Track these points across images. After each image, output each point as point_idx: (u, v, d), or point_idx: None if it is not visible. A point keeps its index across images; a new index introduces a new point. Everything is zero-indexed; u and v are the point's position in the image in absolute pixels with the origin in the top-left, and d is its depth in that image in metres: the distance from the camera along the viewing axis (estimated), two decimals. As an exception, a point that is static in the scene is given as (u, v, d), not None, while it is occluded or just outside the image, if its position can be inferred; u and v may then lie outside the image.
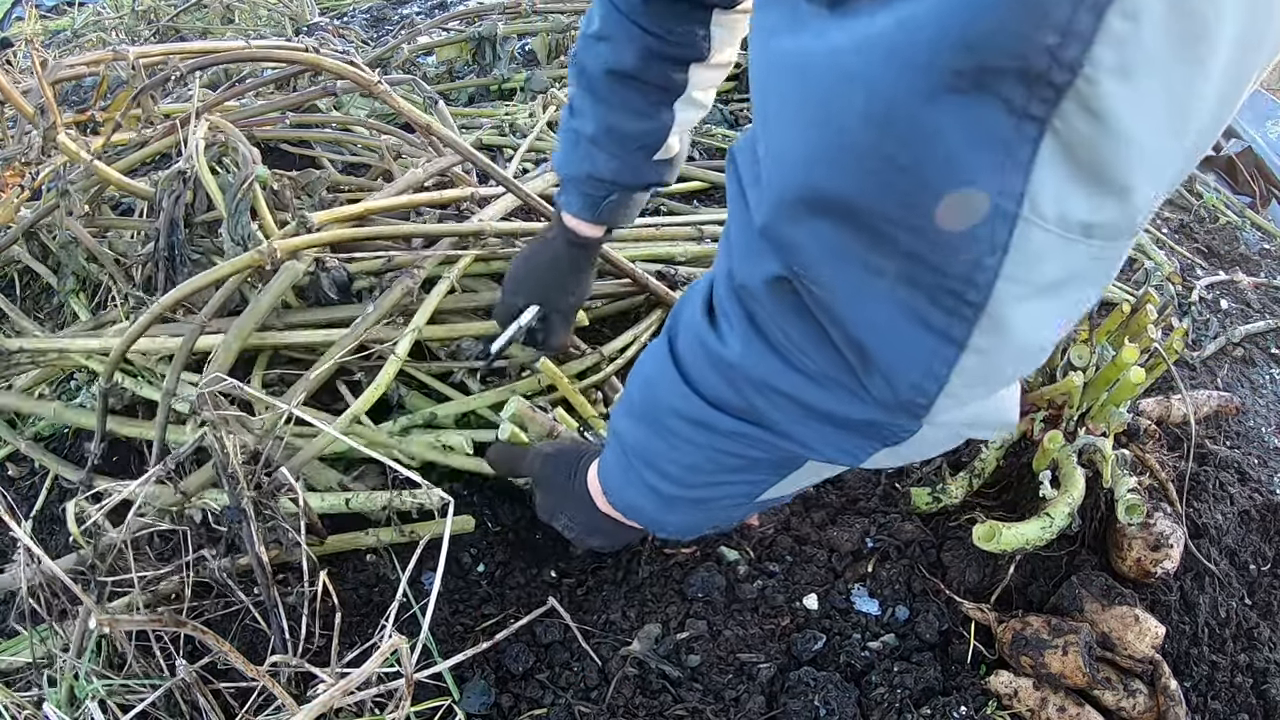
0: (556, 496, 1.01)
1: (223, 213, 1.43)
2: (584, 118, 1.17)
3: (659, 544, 1.24)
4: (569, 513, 1.00)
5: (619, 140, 1.17)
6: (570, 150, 1.21)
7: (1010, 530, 1.05)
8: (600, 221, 1.25)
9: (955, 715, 1.04)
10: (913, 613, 1.15)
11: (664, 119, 1.16)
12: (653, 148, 1.18)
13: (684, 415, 0.70)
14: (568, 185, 1.24)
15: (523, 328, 1.30)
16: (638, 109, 1.14)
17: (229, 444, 1.00)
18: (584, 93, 1.16)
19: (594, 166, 1.19)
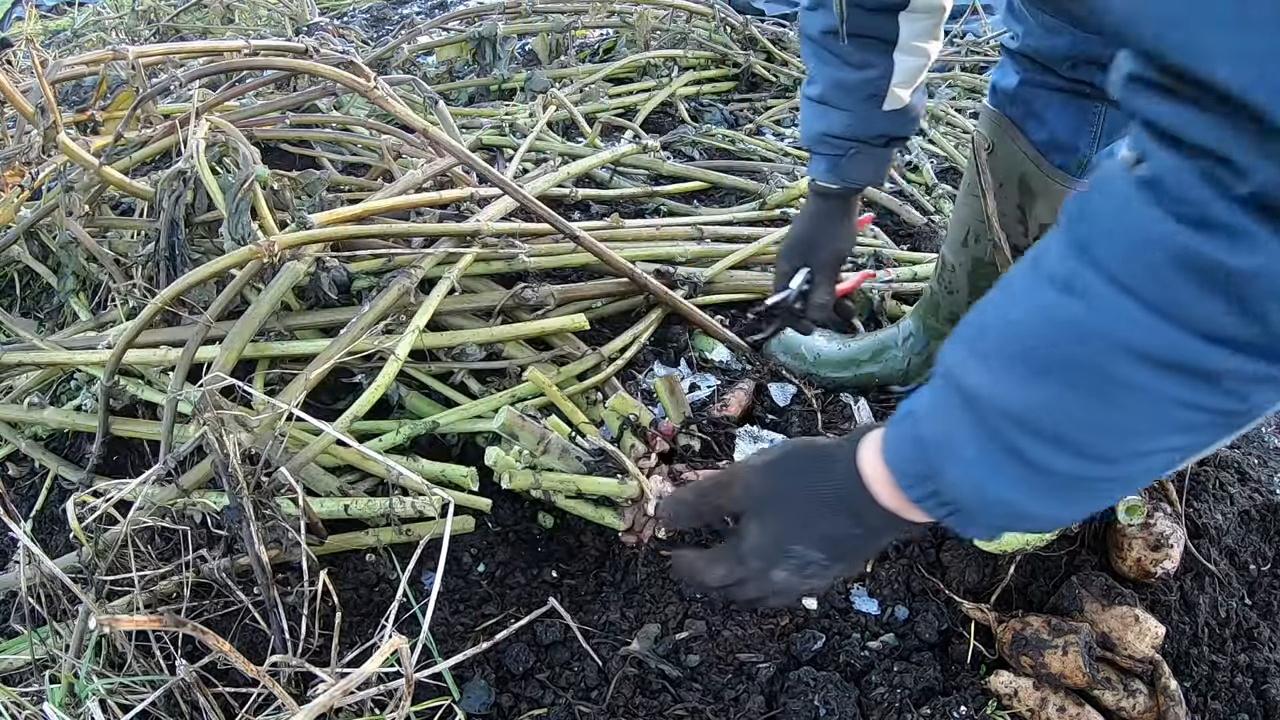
0: (795, 516, 0.81)
1: (223, 212, 1.43)
2: (813, 82, 1.28)
3: (656, 545, 1.24)
4: (814, 534, 0.80)
5: (845, 92, 1.25)
6: (808, 117, 1.31)
7: (1009, 532, 1.05)
8: (842, 180, 1.32)
9: (955, 715, 1.04)
10: (912, 612, 1.15)
11: (884, 67, 1.24)
12: (879, 96, 1.25)
13: (1149, 355, 0.54)
14: (812, 153, 1.33)
15: (794, 291, 1.39)
16: (858, 61, 1.22)
17: (229, 443, 1.00)
18: (810, 57, 1.27)
19: (828, 124, 1.28)
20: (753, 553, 0.83)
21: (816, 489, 0.80)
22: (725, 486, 0.88)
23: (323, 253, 1.42)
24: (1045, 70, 1.26)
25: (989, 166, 1.37)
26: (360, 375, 1.45)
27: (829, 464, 0.80)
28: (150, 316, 1.28)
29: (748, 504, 0.85)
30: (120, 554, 1.07)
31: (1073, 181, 1.31)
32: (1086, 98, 1.25)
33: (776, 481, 0.84)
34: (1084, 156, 1.30)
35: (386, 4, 3.72)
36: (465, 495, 1.23)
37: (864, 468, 0.76)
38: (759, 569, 0.83)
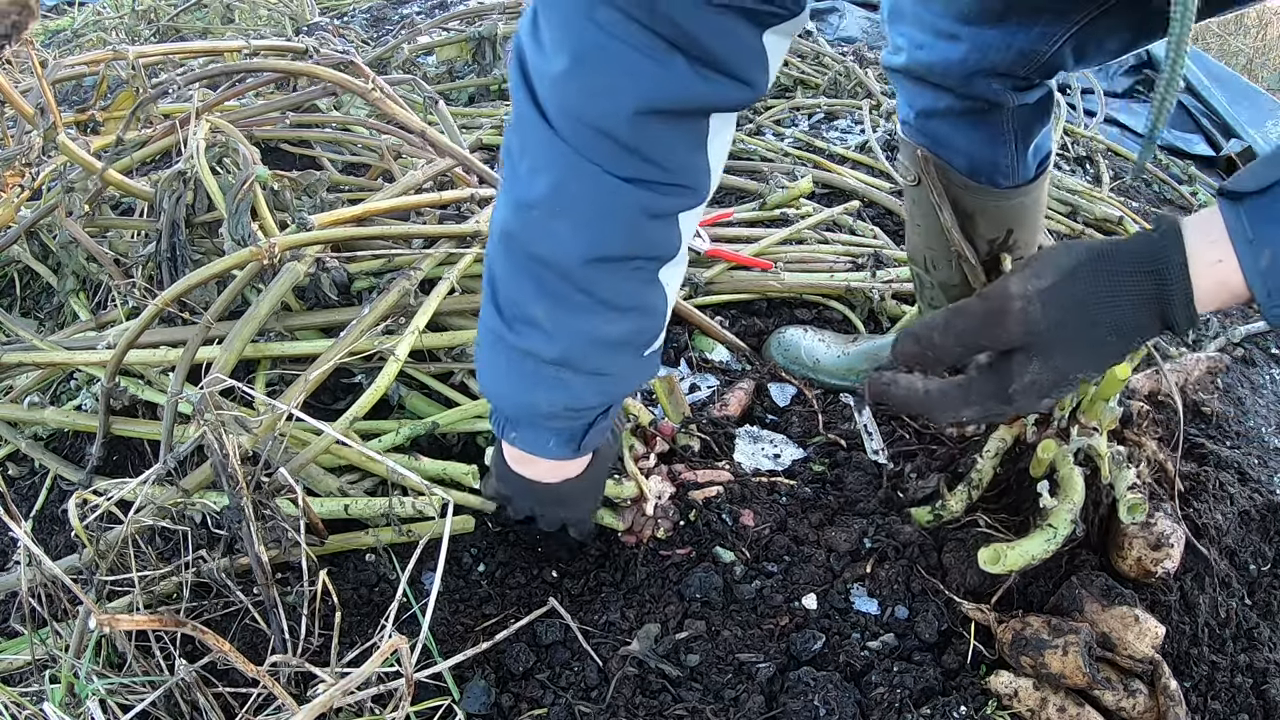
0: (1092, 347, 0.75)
1: (223, 213, 1.43)
2: (542, 334, 0.86)
3: (654, 544, 1.24)
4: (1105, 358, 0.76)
5: (606, 351, 0.89)
6: (521, 382, 0.91)
7: (1015, 550, 1.04)
8: (586, 451, 1.03)
9: (955, 715, 1.04)
10: (912, 613, 1.15)
11: (658, 299, 0.89)
12: (651, 344, 0.93)
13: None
14: (516, 422, 0.99)
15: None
16: (629, 300, 0.86)
17: (229, 444, 1.00)
18: (540, 298, 0.84)
19: (571, 397, 0.92)
20: (1024, 391, 0.76)
21: (1120, 311, 0.73)
22: (992, 322, 0.76)
23: (323, 253, 1.42)
24: (937, 90, 1.18)
25: (918, 199, 1.33)
26: (360, 375, 1.45)
27: (1141, 282, 0.72)
28: (151, 318, 1.29)
29: (1026, 340, 0.75)
30: (120, 554, 1.07)
31: (1005, 194, 1.28)
32: (988, 113, 1.19)
33: (1067, 312, 0.74)
34: (1009, 168, 1.26)
35: (386, 4, 3.72)
36: (465, 495, 1.23)
37: (1199, 280, 0.71)
38: (1025, 406, 0.77)
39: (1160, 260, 0.72)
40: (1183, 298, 0.72)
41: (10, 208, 1.67)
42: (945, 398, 0.82)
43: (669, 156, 0.79)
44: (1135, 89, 3.08)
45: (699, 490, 1.28)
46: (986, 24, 1.08)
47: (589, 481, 1.12)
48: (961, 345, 0.80)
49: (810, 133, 2.60)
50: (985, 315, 0.77)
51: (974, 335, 0.79)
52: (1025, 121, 1.22)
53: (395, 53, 2.64)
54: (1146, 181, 2.55)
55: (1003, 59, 1.11)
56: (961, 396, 0.82)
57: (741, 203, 2.14)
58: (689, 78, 0.73)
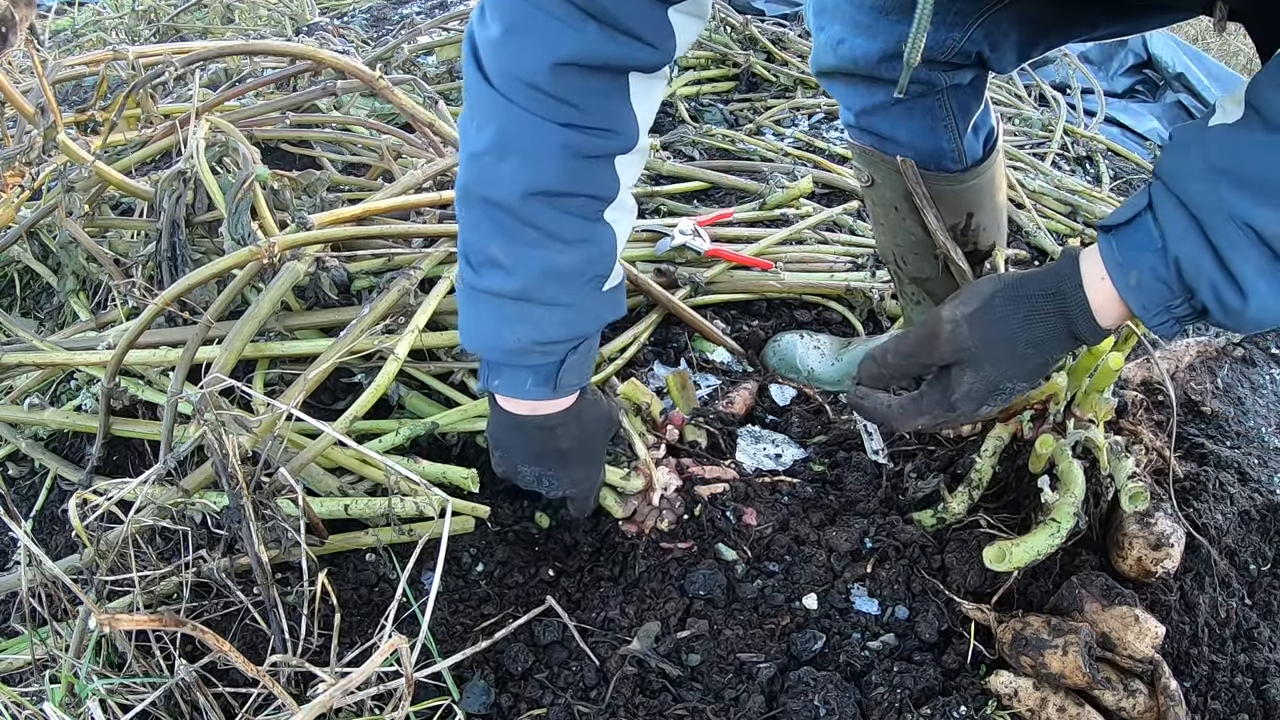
0: (1013, 358, 0.90)
1: (223, 212, 1.43)
2: (501, 271, 0.96)
3: (656, 536, 1.24)
4: (1029, 369, 0.91)
5: (562, 279, 0.98)
6: (492, 322, 1.00)
7: (1020, 547, 1.05)
8: (559, 390, 1.06)
9: (955, 715, 1.04)
10: (912, 613, 1.15)
11: (606, 236, 0.99)
12: (604, 276, 1.01)
13: None
14: (497, 366, 1.04)
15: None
16: (574, 233, 0.96)
17: (229, 444, 1.00)
18: (495, 235, 0.95)
19: (537, 330, 0.99)
20: (964, 399, 0.92)
21: (1034, 329, 0.88)
22: (928, 343, 0.93)
23: (323, 252, 1.42)
24: (870, 84, 1.21)
25: (877, 200, 1.35)
26: (360, 375, 1.45)
27: (1048, 303, 0.88)
28: (151, 317, 1.28)
29: (957, 356, 0.91)
30: (120, 554, 1.07)
31: (956, 177, 1.29)
32: (922, 97, 1.22)
33: (989, 330, 0.89)
34: (955, 151, 1.28)
35: (386, 4, 3.72)
36: (463, 502, 1.23)
37: (1094, 299, 0.86)
38: (967, 411, 0.93)
39: (1061, 283, 0.88)
40: (1082, 312, 0.87)
41: (10, 208, 1.67)
42: (903, 410, 0.99)
43: (591, 103, 0.91)
44: (1135, 89, 3.08)
45: (705, 486, 1.28)
46: (900, 15, 1.13)
47: (585, 430, 1.12)
48: (907, 362, 0.98)
49: (810, 133, 2.60)
50: (923, 338, 0.94)
51: (915, 354, 0.96)
52: (963, 102, 1.24)
53: (395, 53, 2.64)
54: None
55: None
56: (915, 408, 0.98)
57: (741, 203, 2.14)
58: (600, 40, 0.87)
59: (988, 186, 1.34)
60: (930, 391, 0.96)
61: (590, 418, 1.15)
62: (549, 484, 1.16)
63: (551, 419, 1.09)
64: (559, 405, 1.09)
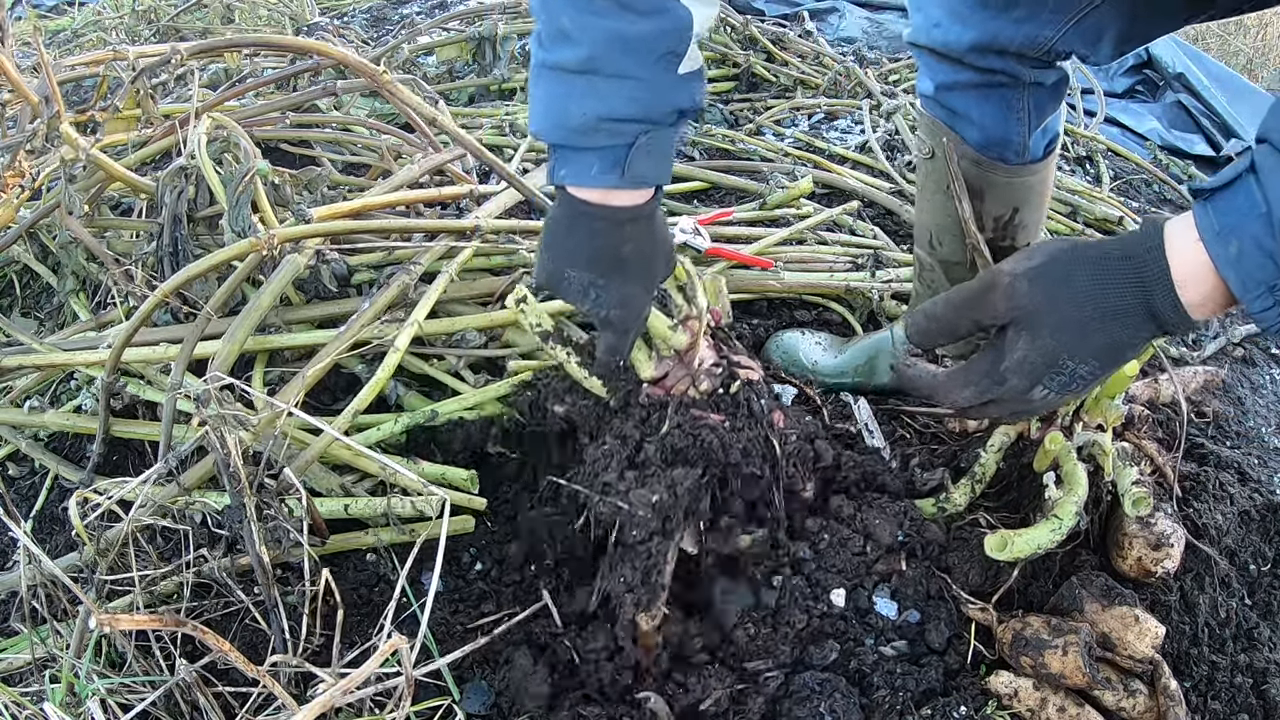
0: (1074, 327, 0.79)
1: (224, 206, 1.43)
2: (569, 42, 0.90)
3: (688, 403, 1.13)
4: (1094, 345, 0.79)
5: (632, 51, 0.90)
6: (558, 99, 0.93)
7: (1022, 538, 1.05)
8: (632, 181, 0.96)
9: (955, 715, 1.04)
10: (924, 618, 1.15)
11: (680, 11, 0.91)
12: (678, 54, 0.92)
13: None
14: (564, 153, 0.96)
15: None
16: (648, 5, 0.88)
17: (230, 441, 1.00)
18: (566, 7, 0.88)
19: (604, 104, 0.92)
20: (1016, 370, 0.80)
21: (1103, 294, 0.77)
22: (984, 297, 0.82)
23: (323, 246, 1.42)
24: (956, 65, 1.22)
25: (931, 172, 1.35)
26: (360, 367, 1.45)
27: (1122, 266, 0.77)
28: (151, 309, 1.28)
29: (1013, 315, 0.80)
30: (120, 554, 1.07)
31: (1013, 170, 1.30)
32: (1004, 87, 1.23)
33: (1052, 288, 0.78)
34: (1020, 145, 1.29)
35: (386, 4, 3.72)
36: (462, 494, 1.23)
37: (1178, 269, 0.74)
38: (1018, 388, 0.81)
39: (1139, 247, 0.77)
40: (1162, 284, 0.76)
41: (10, 208, 1.67)
42: (949, 379, 0.89)
43: None
44: (1135, 89, 3.08)
45: (743, 370, 1.17)
46: (996, 9, 1.13)
47: (651, 240, 1.01)
48: (958, 315, 0.87)
49: (810, 133, 2.60)
50: (979, 289, 0.84)
51: (968, 307, 0.85)
52: (1040, 101, 1.25)
53: (395, 53, 2.64)
54: (1147, 181, 2.55)
55: (1011, 41, 1.16)
56: (961, 377, 0.88)
57: (741, 203, 2.14)
58: None
59: (1039, 186, 1.35)
60: (980, 359, 0.86)
61: (659, 229, 1.03)
62: (596, 296, 1.00)
63: (621, 214, 0.97)
64: (632, 199, 0.97)
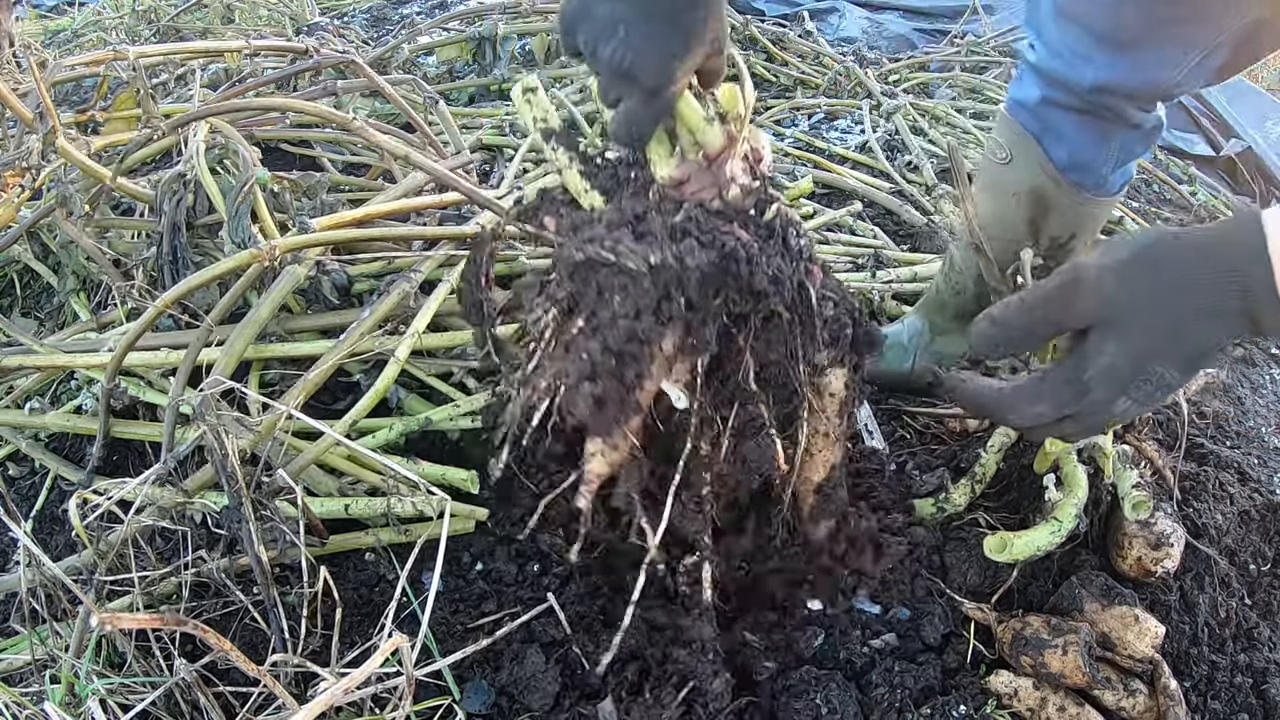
0: (1168, 328, 0.70)
1: (223, 216, 1.43)
2: None
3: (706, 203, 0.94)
4: (1187, 348, 0.70)
5: None
6: None
7: (1021, 539, 1.05)
8: None
9: (955, 715, 1.04)
10: (916, 615, 1.15)
11: None
12: None
13: None
14: None
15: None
16: None
17: (229, 445, 1.00)
18: None
19: None
20: (1102, 378, 0.70)
21: (1199, 292, 0.68)
22: (1067, 295, 0.72)
23: (323, 256, 1.42)
24: (1068, 90, 1.23)
25: (1005, 177, 1.35)
26: (359, 375, 1.45)
27: (1219, 260, 0.68)
28: (150, 321, 1.28)
29: (1101, 315, 0.71)
30: (120, 554, 1.07)
31: (1088, 198, 1.31)
32: (1106, 121, 1.24)
33: (1145, 283, 0.70)
34: (1101, 176, 1.30)
35: (386, 4, 3.72)
36: (462, 505, 1.22)
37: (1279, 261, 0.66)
38: (1102, 400, 0.71)
39: (1239, 240, 0.69)
40: (1263, 278, 0.68)
41: (10, 208, 1.67)
42: (1019, 393, 0.78)
43: None
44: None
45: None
46: (1118, 50, 1.13)
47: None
48: (1033, 318, 0.76)
49: (810, 133, 2.60)
50: (1059, 286, 0.74)
51: (1046, 308, 0.74)
52: (1130, 142, 1.27)
53: (395, 53, 2.64)
54: (1147, 181, 2.55)
55: (1132, 85, 1.17)
56: (1035, 390, 0.77)
57: (741, 203, 2.14)
58: None
59: (1100, 218, 1.36)
60: (1059, 367, 0.75)
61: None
62: (624, 35, 0.84)
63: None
64: None
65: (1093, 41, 1.14)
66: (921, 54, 3.13)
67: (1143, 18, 1.08)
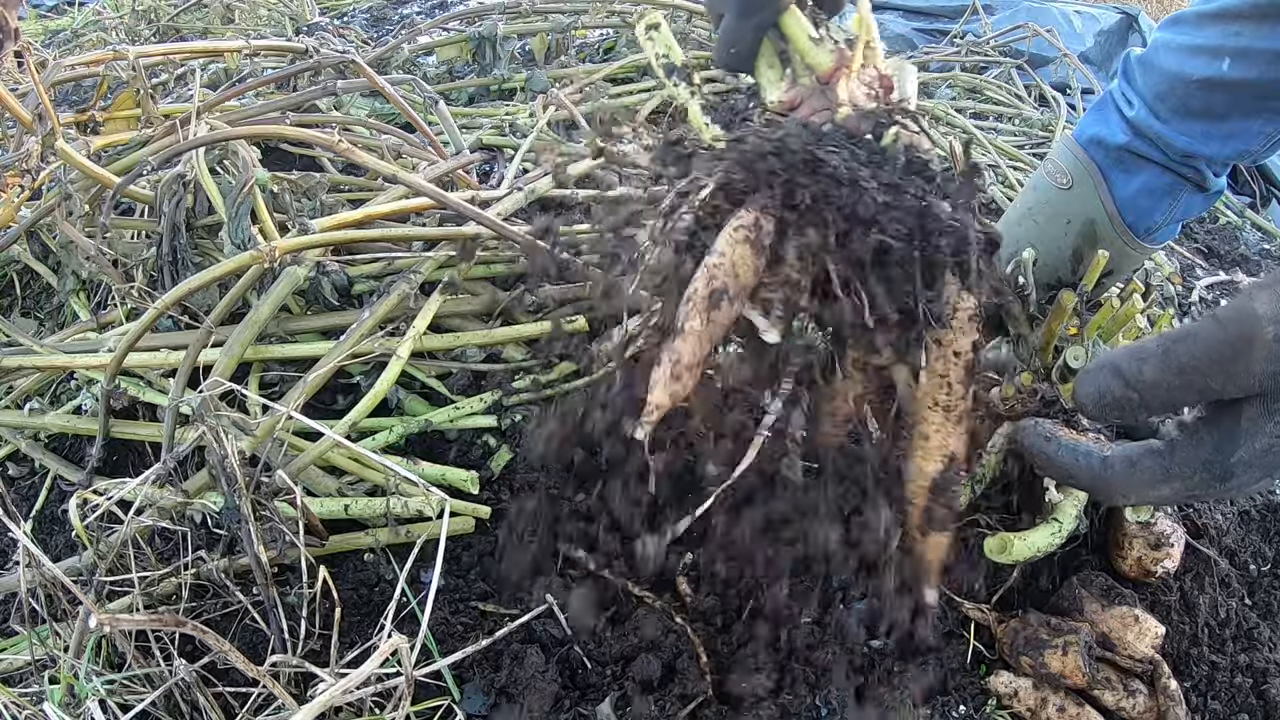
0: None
1: (223, 217, 1.43)
2: None
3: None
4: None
5: None
6: None
7: (1022, 541, 1.05)
8: None
9: (955, 715, 1.04)
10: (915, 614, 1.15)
11: None
12: None
13: None
14: None
15: None
16: None
17: (228, 445, 1.00)
18: None
19: None
20: (1257, 463, 0.55)
21: None
22: (1234, 353, 0.55)
23: (323, 257, 1.42)
24: (1159, 149, 1.26)
25: (1062, 201, 1.36)
26: (359, 376, 1.45)
27: None
28: (150, 322, 1.28)
29: (1273, 388, 0.55)
30: (120, 554, 1.07)
31: (1137, 244, 1.32)
32: (1183, 180, 1.27)
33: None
34: (1154, 224, 1.31)
35: (386, 4, 3.72)
36: (463, 503, 1.22)
37: None
38: (1247, 483, 0.57)
39: None
40: None
41: (10, 208, 1.67)
42: (1134, 469, 0.62)
43: None
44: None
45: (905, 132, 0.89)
46: (1208, 121, 1.18)
47: None
48: (1183, 382, 0.58)
49: (810, 133, 2.60)
50: (1222, 344, 0.57)
51: (1204, 370, 0.57)
52: (1194, 203, 1.31)
53: (395, 53, 2.63)
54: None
55: (1218, 155, 1.23)
56: (1160, 469, 0.61)
57: (741, 203, 2.13)
58: None
59: (1139, 261, 1.39)
60: (1194, 443, 0.60)
61: None
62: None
63: None
64: None
65: (1183, 115, 1.20)
66: (921, 54, 3.13)
67: (1232, 98, 1.16)
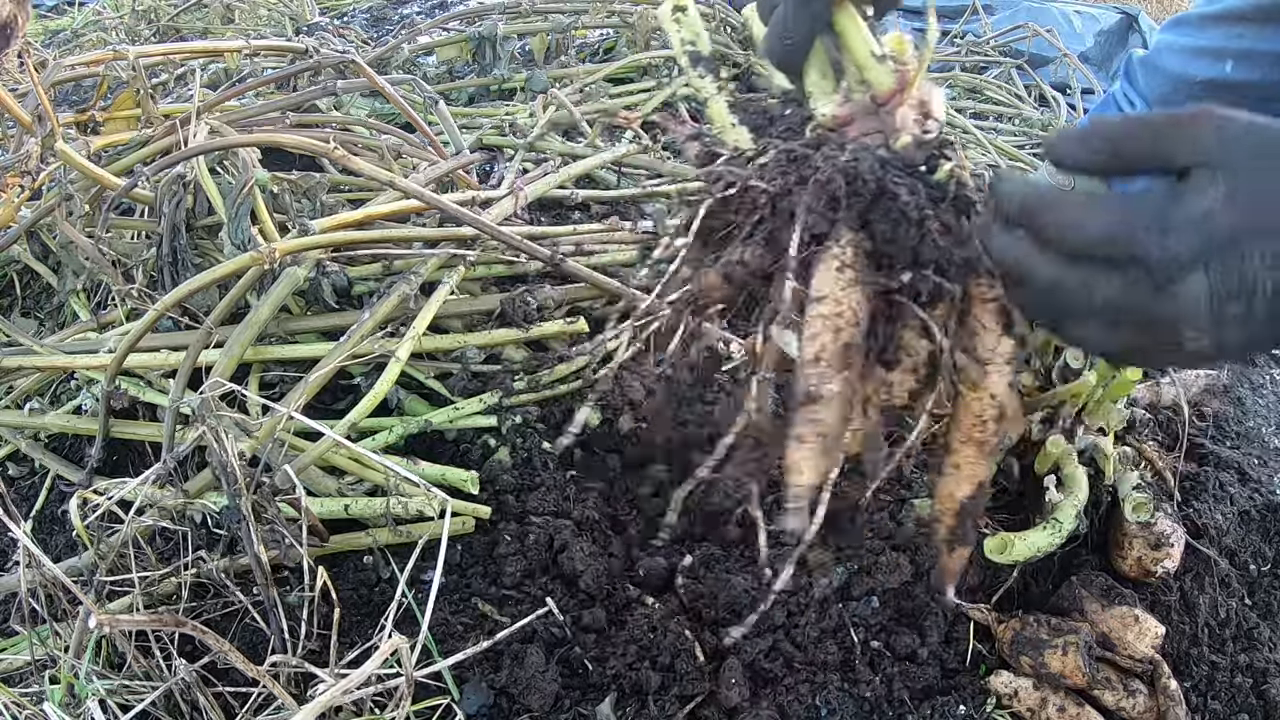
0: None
1: (223, 217, 1.43)
2: None
3: None
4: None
5: None
6: None
7: (1022, 541, 1.05)
8: None
9: (955, 715, 1.04)
10: (915, 614, 1.15)
11: None
12: None
13: None
14: None
15: None
16: None
17: (228, 446, 1.00)
18: None
19: None
20: (1190, 227, 0.56)
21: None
22: (1182, 121, 0.59)
23: (323, 257, 1.42)
24: None
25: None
26: (359, 377, 1.45)
27: None
28: (150, 323, 1.28)
29: (1219, 157, 0.57)
30: (120, 554, 1.07)
31: None
32: None
33: (1267, 148, 0.56)
34: None
35: (386, 4, 3.72)
36: (464, 503, 1.22)
37: None
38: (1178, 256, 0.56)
39: None
40: None
41: (10, 208, 1.67)
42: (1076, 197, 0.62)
43: None
44: (1135, 89, 3.08)
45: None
46: None
47: None
48: (1155, 140, 0.60)
49: (810, 133, 2.60)
50: (1185, 113, 0.60)
51: (1159, 135, 0.60)
52: None
53: (395, 53, 2.64)
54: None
55: None
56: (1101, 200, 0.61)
57: (741, 203, 2.13)
58: None
59: None
60: (1144, 195, 0.60)
61: None
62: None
63: None
64: None
65: None
66: (921, 54, 3.13)
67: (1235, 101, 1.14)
